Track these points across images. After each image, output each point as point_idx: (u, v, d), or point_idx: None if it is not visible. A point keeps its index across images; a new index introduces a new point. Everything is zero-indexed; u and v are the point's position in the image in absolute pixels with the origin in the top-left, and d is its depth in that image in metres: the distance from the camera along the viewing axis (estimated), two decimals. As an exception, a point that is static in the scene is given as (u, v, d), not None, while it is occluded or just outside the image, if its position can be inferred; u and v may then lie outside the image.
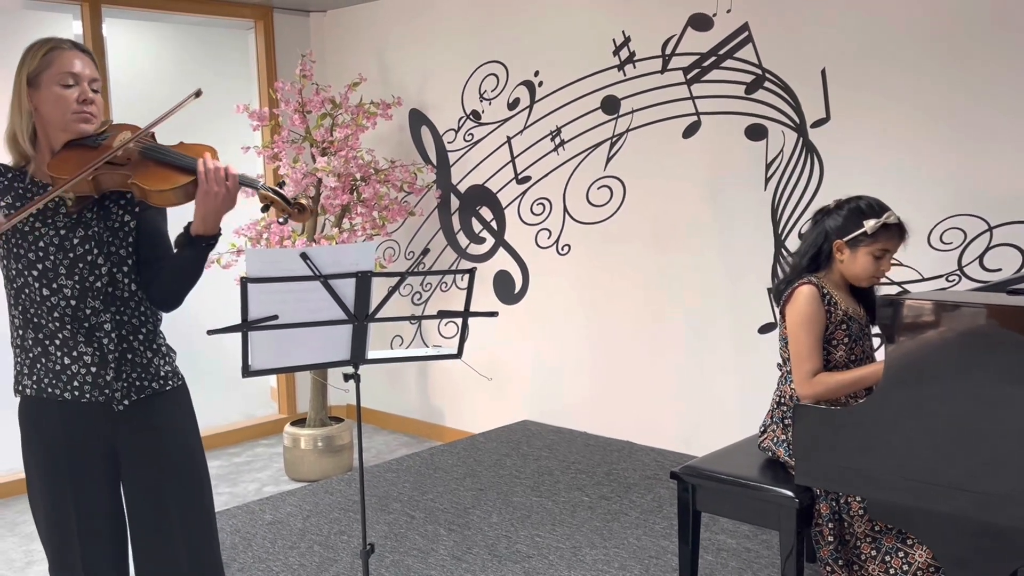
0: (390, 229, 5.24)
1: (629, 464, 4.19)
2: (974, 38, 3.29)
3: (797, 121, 3.76)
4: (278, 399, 5.71)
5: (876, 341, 3.28)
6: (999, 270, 3.30)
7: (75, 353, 1.99)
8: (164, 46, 6.02)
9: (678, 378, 4.27)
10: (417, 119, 5.19)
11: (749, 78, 3.87)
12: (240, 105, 4.51)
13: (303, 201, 2.02)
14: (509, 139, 4.78)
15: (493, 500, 3.87)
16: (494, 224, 4.93)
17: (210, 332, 2.03)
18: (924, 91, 3.42)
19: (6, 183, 2.00)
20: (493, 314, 2.25)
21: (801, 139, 3.76)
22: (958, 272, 3.39)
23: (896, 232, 2.50)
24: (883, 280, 2.59)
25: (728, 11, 3.89)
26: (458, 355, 2.31)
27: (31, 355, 2.02)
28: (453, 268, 5.06)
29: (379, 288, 2.16)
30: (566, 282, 4.66)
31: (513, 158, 4.78)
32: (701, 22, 3.98)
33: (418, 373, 5.42)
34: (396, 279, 2.20)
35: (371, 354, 2.20)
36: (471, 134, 4.94)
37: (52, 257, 1.97)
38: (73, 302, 1.98)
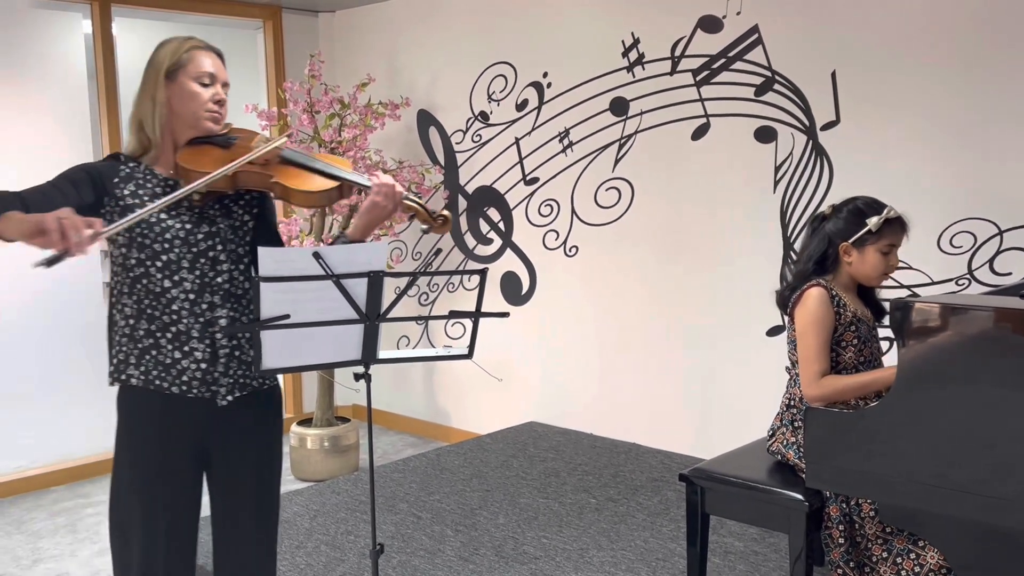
0: (398, 230, 5.25)
1: (636, 466, 4.18)
2: (984, 41, 3.28)
3: (807, 124, 3.75)
4: (284, 399, 5.71)
5: (883, 344, 3.28)
6: (1009, 274, 3.29)
7: (187, 348, 2.02)
8: (173, 46, 6.02)
9: (685, 380, 4.26)
10: (425, 120, 5.19)
11: (759, 80, 3.87)
12: (249, 105, 4.52)
13: (445, 212, 2.21)
14: (517, 140, 4.78)
15: (500, 501, 3.87)
16: (502, 225, 4.93)
17: (222, 330, 2.04)
18: (934, 94, 3.41)
19: (128, 171, 2.05)
20: (504, 315, 2.25)
21: (810, 142, 3.75)
22: (968, 276, 3.38)
23: (898, 226, 2.52)
24: (891, 283, 2.59)
25: (738, 13, 3.89)
26: (469, 355, 2.30)
27: (140, 346, 2.03)
28: (461, 269, 5.06)
29: (386, 288, 2.16)
30: (573, 284, 4.66)
31: (521, 159, 4.77)
32: (711, 24, 3.98)
33: (424, 374, 5.42)
34: (406, 279, 2.20)
35: (382, 354, 2.19)
36: (479, 135, 4.94)
37: (177, 250, 2.01)
38: (192, 296, 2.02)
